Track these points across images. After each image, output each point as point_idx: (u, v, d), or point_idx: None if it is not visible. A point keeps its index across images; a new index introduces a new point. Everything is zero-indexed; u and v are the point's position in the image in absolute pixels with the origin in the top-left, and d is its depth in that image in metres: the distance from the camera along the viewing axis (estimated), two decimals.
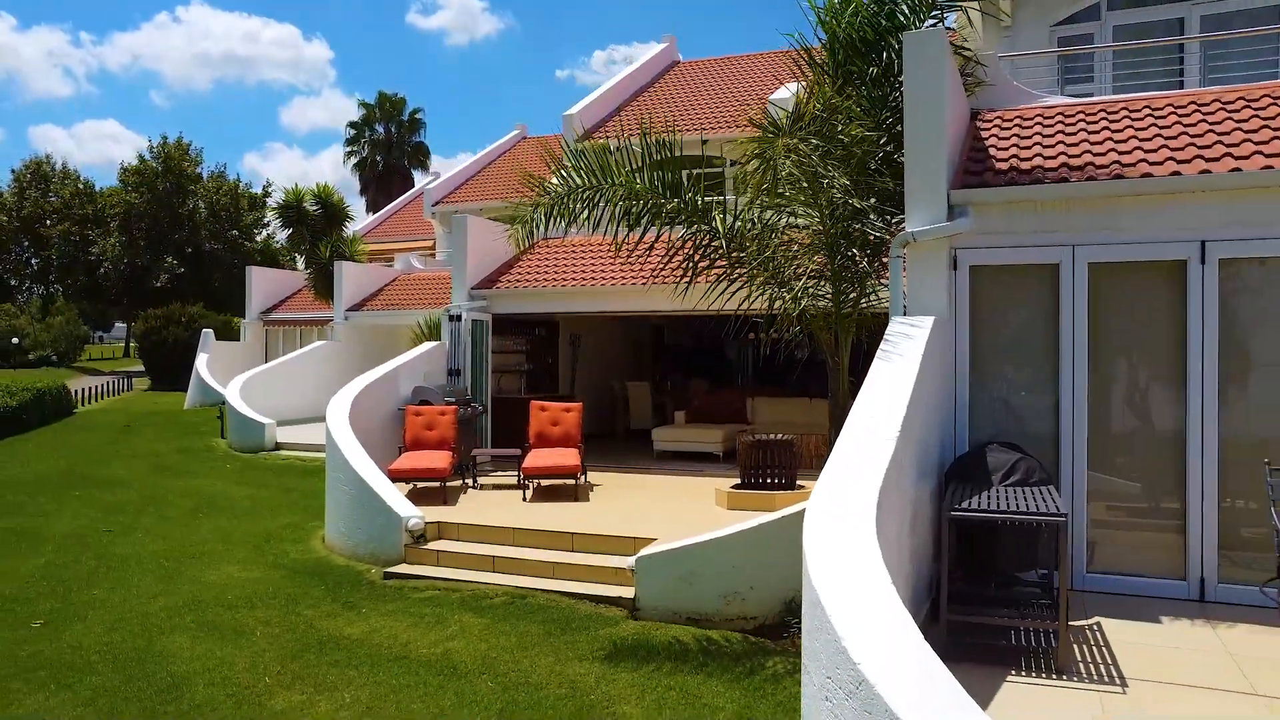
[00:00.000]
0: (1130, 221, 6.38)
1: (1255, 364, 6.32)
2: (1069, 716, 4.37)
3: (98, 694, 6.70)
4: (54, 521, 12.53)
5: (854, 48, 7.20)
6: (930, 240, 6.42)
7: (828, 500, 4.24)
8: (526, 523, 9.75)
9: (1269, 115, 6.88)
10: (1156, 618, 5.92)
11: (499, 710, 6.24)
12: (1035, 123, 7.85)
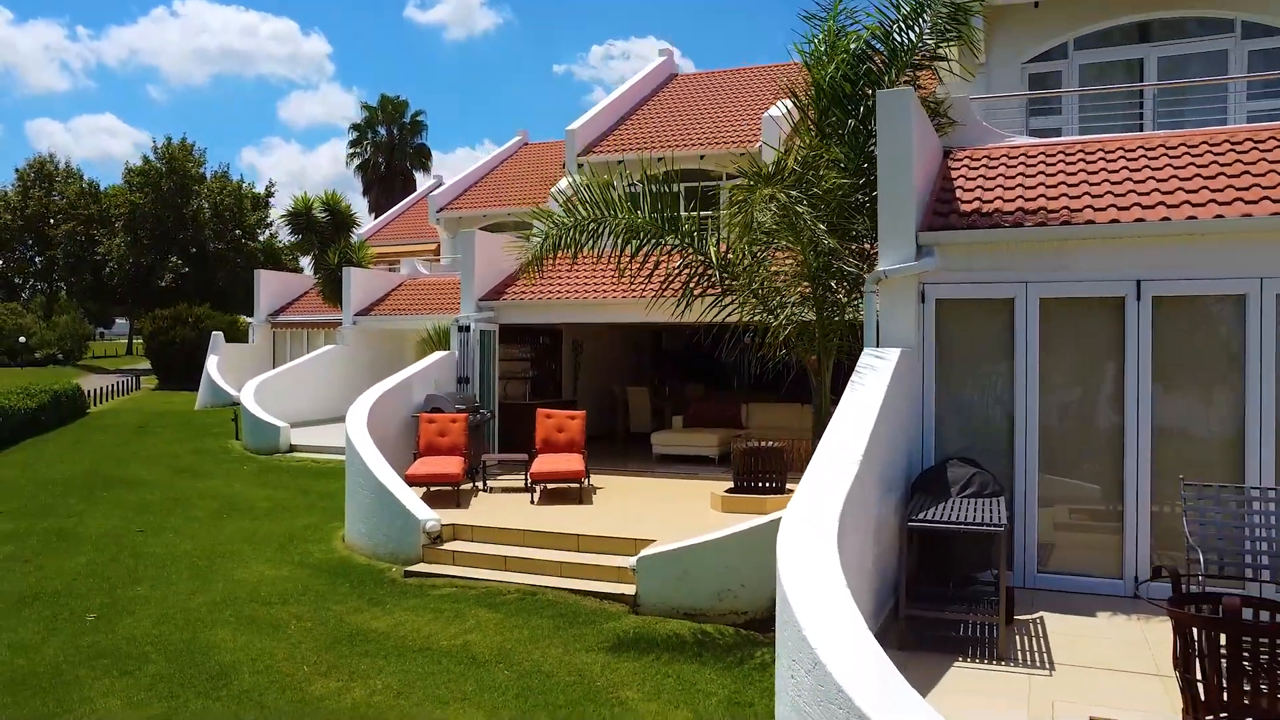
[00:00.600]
0: (1075, 262, 7.20)
1: (1183, 389, 7.15)
2: (999, 694, 5.21)
3: (156, 680, 7.53)
4: (87, 522, 13.35)
5: (835, 98, 8.01)
6: (900, 277, 7.24)
7: (798, 515, 5.07)
8: (535, 524, 10.58)
9: (1203, 164, 7.70)
10: (1093, 612, 6.74)
11: (515, 695, 7.07)
12: (1000, 163, 8.67)
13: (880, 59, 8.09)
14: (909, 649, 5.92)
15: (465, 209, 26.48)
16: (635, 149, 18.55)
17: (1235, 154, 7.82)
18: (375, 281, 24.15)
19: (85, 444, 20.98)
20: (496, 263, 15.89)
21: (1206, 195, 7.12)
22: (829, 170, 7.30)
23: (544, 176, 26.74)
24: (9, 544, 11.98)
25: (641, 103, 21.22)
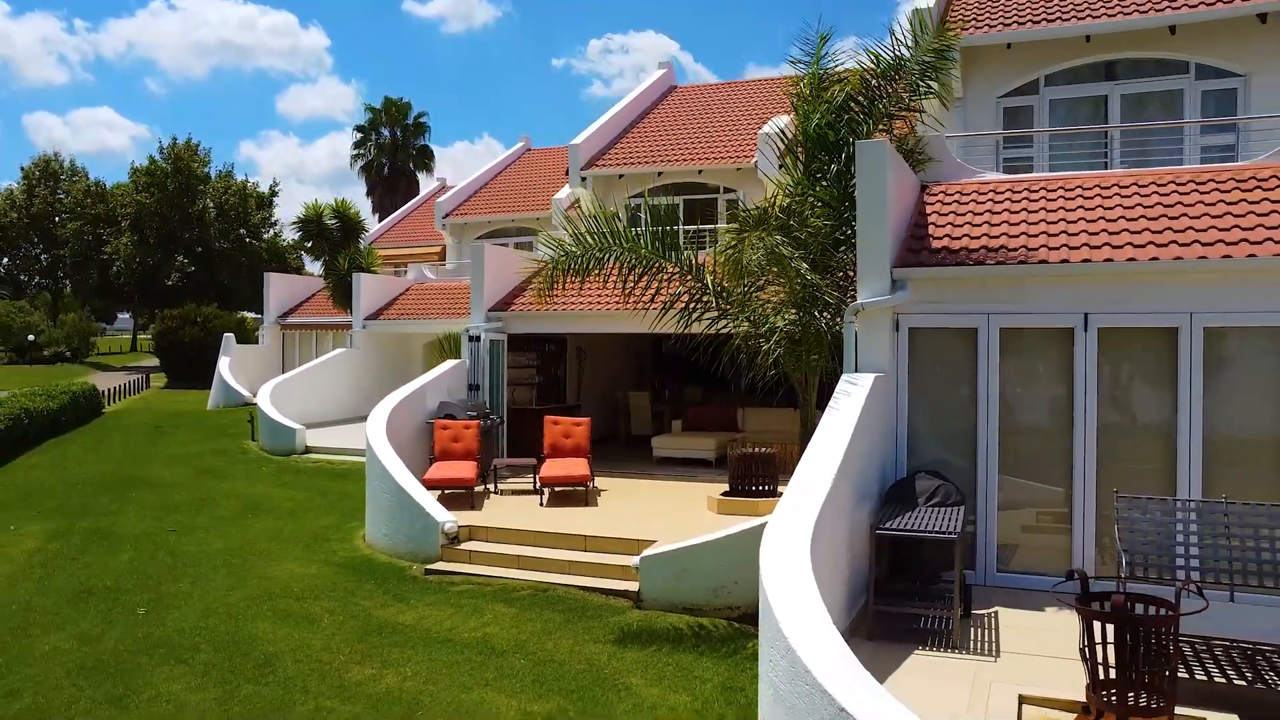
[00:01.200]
0: (1031, 296, 8.10)
1: (1124, 408, 8.05)
2: (949, 676, 6.12)
3: (208, 668, 8.44)
4: (122, 522, 14.25)
5: (820, 144, 8.90)
6: (876, 308, 8.13)
7: (778, 524, 5.97)
8: (545, 526, 11.49)
9: (1149, 204, 8.61)
10: (1042, 607, 7.65)
11: (532, 681, 7.99)
12: (971, 199, 9.57)
13: (860, 108, 8.98)
14: (877, 639, 6.84)
15: (470, 215, 27.35)
16: (636, 163, 19.44)
17: (1178, 195, 8.73)
18: (383, 287, 25.03)
19: (106, 445, 21.87)
20: (505, 275, 16.76)
21: (1148, 237, 8.02)
22: (812, 214, 8.20)
23: (547, 183, 27.59)
24: (55, 542, 12.89)
25: (642, 116, 22.10)
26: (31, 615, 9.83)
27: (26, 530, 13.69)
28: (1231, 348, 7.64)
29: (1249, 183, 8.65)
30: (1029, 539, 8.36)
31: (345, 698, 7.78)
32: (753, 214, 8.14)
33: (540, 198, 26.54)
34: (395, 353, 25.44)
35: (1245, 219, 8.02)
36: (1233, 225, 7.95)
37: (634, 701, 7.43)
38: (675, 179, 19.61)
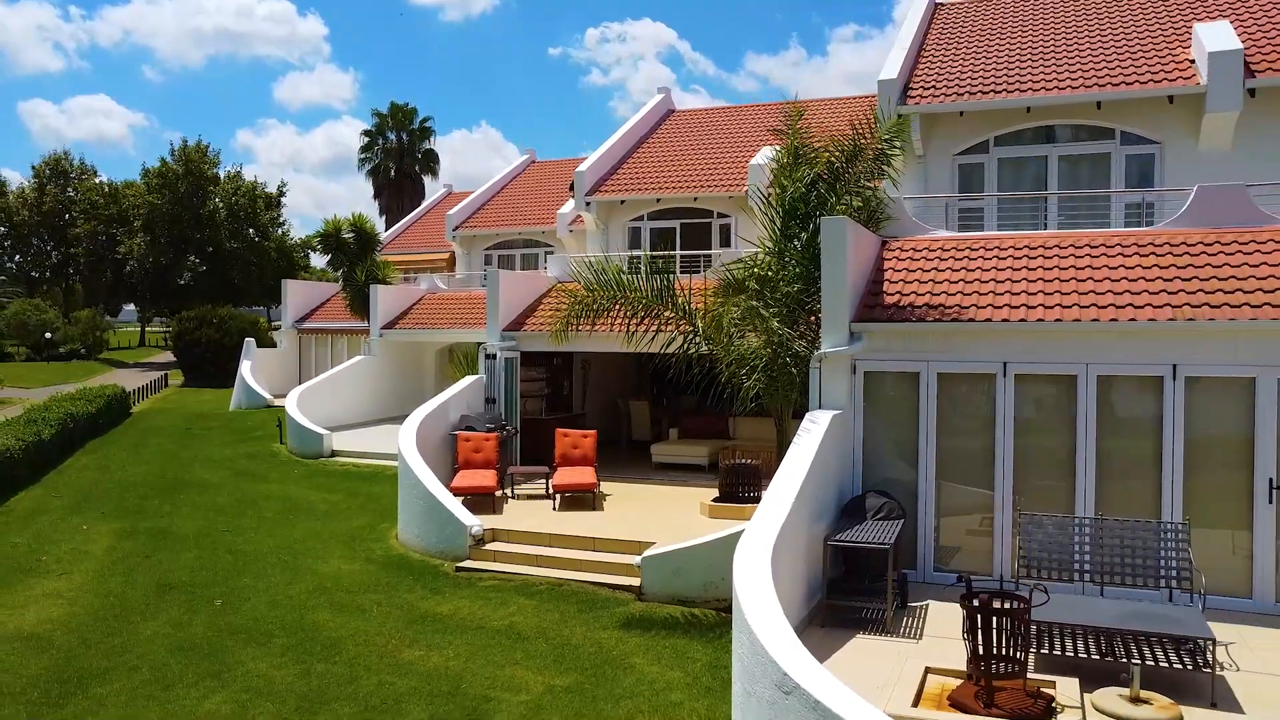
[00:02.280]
0: (961, 347, 9.91)
1: (1035, 438, 9.87)
2: (879, 653, 7.97)
3: (284, 650, 10.32)
4: (179, 522, 16.11)
5: (793, 213, 10.73)
6: (836, 356, 9.98)
7: (748, 536, 7.83)
8: (558, 529, 13.36)
9: (1064, 266, 10.45)
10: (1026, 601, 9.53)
11: (553, 660, 9.87)
12: (923, 255, 11.41)
13: (826, 184, 10.79)
14: (828, 626, 8.71)
15: (479, 228, 29.14)
16: (636, 190, 21.26)
17: (1089, 258, 10.56)
18: (398, 297, 26.82)
19: (145, 447, 23.70)
20: (517, 296, 18.60)
21: (1057, 299, 9.86)
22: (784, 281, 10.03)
23: (551, 196, 29.35)
24: (126, 541, 14.77)
25: (642, 140, 23.88)
26: (128, 605, 11.72)
27: (97, 530, 15.56)
28: (1117, 392, 9.50)
29: (1147, 248, 10.50)
30: (962, 544, 10.23)
31: (401, 674, 9.65)
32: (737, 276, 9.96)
33: (545, 211, 28.32)
34: (410, 359, 27.28)
35: (1136, 284, 9.87)
36: (1124, 290, 9.79)
37: (637, 677, 9.31)
38: (672, 204, 21.43)
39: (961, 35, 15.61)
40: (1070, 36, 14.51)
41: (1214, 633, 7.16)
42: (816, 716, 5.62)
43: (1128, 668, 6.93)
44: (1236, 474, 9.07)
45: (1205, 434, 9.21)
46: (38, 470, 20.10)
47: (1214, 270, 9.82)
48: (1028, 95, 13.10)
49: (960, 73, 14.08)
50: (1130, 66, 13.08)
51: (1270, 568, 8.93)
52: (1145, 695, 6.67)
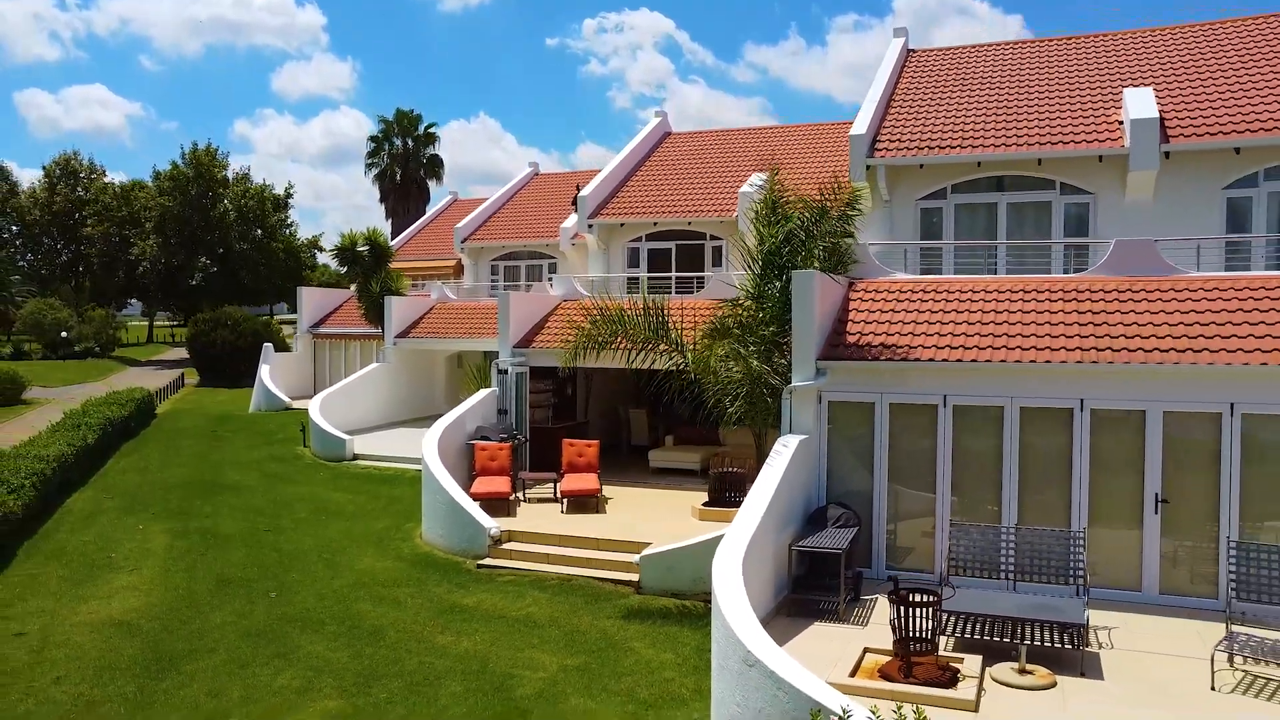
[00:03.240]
0: (910, 382, 11.83)
1: (970, 459, 11.81)
2: (830, 637, 9.93)
3: (336, 636, 12.28)
4: (223, 523, 18.06)
5: (770, 264, 12.65)
6: (805, 389, 11.92)
7: (725, 542, 9.79)
8: (566, 530, 15.32)
9: (1000, 308, 12.37)
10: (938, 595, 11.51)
11: (565, 644, 11.82)
12: (883, 296, 13.33)
13: (798, 240, 12.71)
14: (792, 616, 10.67)
15: (486, 240, 31.03)
16: (634, 214, 23.17)
17: (1022, 302, 12.50)
18: (410, 307, 28.71)
19: (177, 450, 25.64)
20: (525, 316, 20.51)
21: (989, 340, 11.80)
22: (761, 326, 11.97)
23: (554, 209, 31.21)
24: (181, 540, 16.71)
25: (640, 164, 25.75)
26: (194, 597, 13.67)
27: (152, 530, 17.51)
28: (1036, 420, 11.43)
29: (1071, 294, 12.44)
30: (910, 546, 12.20)
31: (437, 656, 11.61)
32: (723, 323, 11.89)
33: (549, 225, 30.18)
34: (421, 366, 29.21)
35: (1056, 327, 11.83)
36: (1045, 333, 11.73)
37: (636, 658, 11.27)
38: (668, 227, 23.35)
39: (926, 89, 17.51)
40: (1018, 95, 16.43)
41: (1093, 619, 9.13)
42: (770, 683, 7.58)
43: (1018, 647, 8.91)
44: (1130, 489, 11.02)
45: (1106, 456, 11.16)
46: (86, 473, 22.06)
47: (1121, 316, 11.76)
48: (978, 152, 15.04)
49: (921, 130, 15.99)
50: (1067, 127, 14.99)
51: (1155, 566, 10.90)
52: (1030, 668, 8.64)
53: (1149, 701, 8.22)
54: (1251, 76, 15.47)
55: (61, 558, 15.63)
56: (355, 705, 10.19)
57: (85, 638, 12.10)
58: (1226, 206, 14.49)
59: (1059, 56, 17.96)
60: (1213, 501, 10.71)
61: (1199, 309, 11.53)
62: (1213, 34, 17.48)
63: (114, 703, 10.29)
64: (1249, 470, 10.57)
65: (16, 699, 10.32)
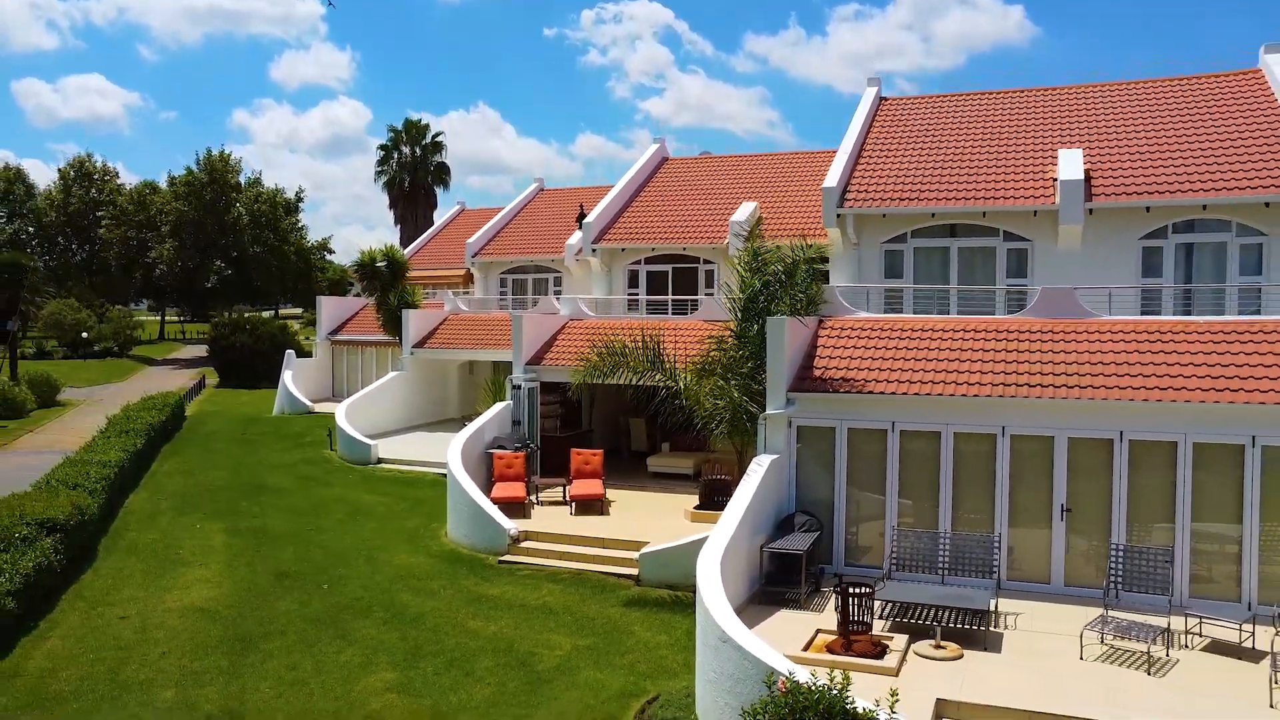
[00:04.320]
0: (864, 411, 14.29)
1: (914, 477, 14.31)
2: (793, 621, 12.46)
3: (384, 621, 14.79)
4: (270, 522, 20.56)
5: (751, 308, 15.16)
6: (777, 416, 14.42)
7: (707, 544, 12.34)
8: (575, 531, 17.85)
9: (944, 346, 14.86)
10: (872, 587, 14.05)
11: (577, 628, 14.34)
12: (847, 334, 15.82)
13: (773, 290, 15.21)
14: (762, 605, 13.19)
15: (496, 255, 33.51)
16: (633, 239, 25.67)
17: (963, 340, 14.96)
18: (425, 319, 31.20)
19: (213, 453, 28.15)
20: (536, 336, 22.99)
21: (930, 375, 14.29)
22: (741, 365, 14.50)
23: (558, 225, 33.64)
24: (236, 539, 19.21)
25: (640, 189, 28.23)
26: (259, 588, 16.18)
27: (209, 529, 20.02)
28: (967, 444, 13.97)
29: (1003, 334, 14.94)
30: (864, 547, 14.75)
31: (470, 637, 14.13)
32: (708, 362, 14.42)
33: (554, 240, 32.64)
34: (435, 373, 31.73)
35: (988, 364, 14.32)
36: (978, 369, 14.23)
37: (636, 639, 13.80)
38: (665, 251, 25.85)
39: (893, 139, 19.98)
40: (970, 149, 18.91)
41: (1005, 606, 11.66)
42: (739, 655, 10.09)
43: (934, 628, 11.46)
44: (1042, 500, 13.55)
45: (1023, 473, 13.68)
46: (138, 476, 24.58)
47: (1040, 354, 14.27)
48: (933, 204, 17.51)
49: (885, 182, 18.46)
50: (1008, 182, 17.46)
51: (1061, 562, 13.42)
52: (944, 644, 11.18)
53: (1027, 669, 10.75)
54: (1166, 137, 17.96)
55: (137, 554, 18.13)
56: (408, 676, 12.71)
57: (176, 621, 14.62)
58: (1142, 255, 17.00)
59: (1008, 110, 20.42)
60: (1106, 510, 13.24)
61: (1103, 350, 14.04)
62: (1137, 94, 19.97)
63: (212, 674, 12.81)
64: (1134, 486, 13.11)
65: (135, 669, 12.85)
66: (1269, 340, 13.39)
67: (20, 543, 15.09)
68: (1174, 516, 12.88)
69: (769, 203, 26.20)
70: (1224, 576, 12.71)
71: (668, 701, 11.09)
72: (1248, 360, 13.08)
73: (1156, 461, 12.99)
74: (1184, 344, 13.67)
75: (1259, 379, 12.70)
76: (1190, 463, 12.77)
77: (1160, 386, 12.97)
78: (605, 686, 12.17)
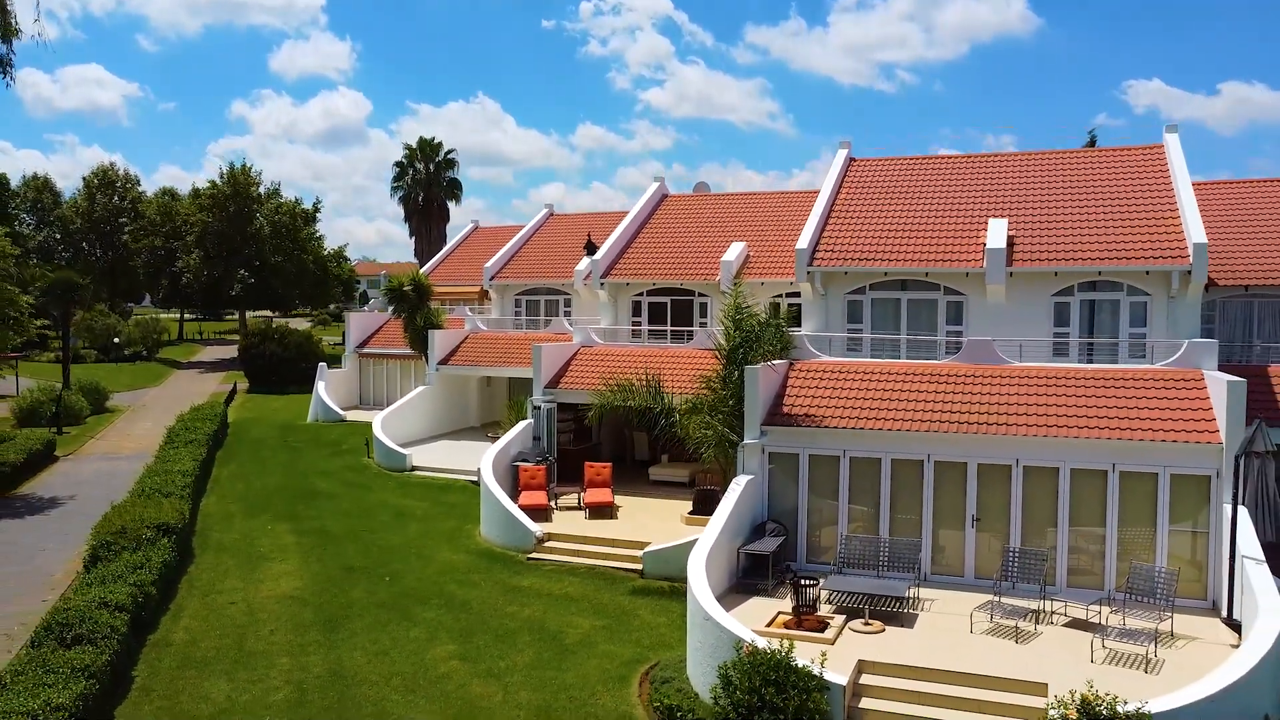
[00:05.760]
0: (821, 440, 18.28)
1: (862, 495, 18.34)
2: (762, 605, 16.40)
3: (439, 606, 18.83)
4: (329, 524, 24.59)
5: (731, 359, 19.21)
6: (753, 445, 18.48)
7: (696, 546, 16.38)
8: (589, 532, 21.90)
9: (887, 386, 18.89)
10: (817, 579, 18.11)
11: (593, 612, 18.37)
12: (813, 376, 19.81)
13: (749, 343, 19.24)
14: (739, 593, 17.21)
15: (511, 279, 37.51)
16: (637, 274, 29.70)
17: (903, 382, 18.94)
18: (449, 338, 35.19)
19: (263, 460, 32.17)
20: (553, 362, 27.02)
21: (873, 412, 18.28)
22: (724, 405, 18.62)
23: (568, 250, 37.57)
24: (304, 538, 23.24)
25: (642, 226, 32.26)
26: (332, 580, 20.20)
27: (279, 529, 24.06)
28: (901, 469, 18.01)
29: (935, 377, 18.96)
30: (825, 547, 18.82)
31: (509, 619, 18.15)
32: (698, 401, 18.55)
33: (564, 266, 36.57)
34: (457, 387, 35.78)
35: (919, 404, 18.34)
36: (911, 406, 18.22)
37: (641, 621, 17.84)
38: (665, 285, 29.91)
39: (858, 203, 23.98)
40: (918, 215, 22.89)
41: (925, 595, 15.78)
42: (717, 629, 14.10)
43: (865, 610, 15.56)
44: (959, 511, 17.57)
45: (944, 490, 17.69)
46: (204, 482, 28.64)
47: (962, 395, 18.27)
48: (886, 265, 21.52)
49: (847, 245, 22.44)
50: (946, 249, 21.44)
51: (972, 560, 17.42)
52: (871, 622, 15.23)
53: (928, 639, 14.79)
54: (1076, 207, 21.94)
55: (226, 551, 22.18)
56: (465, 648, 16.75)
57: (275, 606, 18.67)
58: (1054, 309, 21.01)
59: (952, 175, 24.41)
60: (1006, 520, 17.30)
61: (1007, 392, 18.07)
62: (1059, 164, 23.94)
63: (312, 646, 16.85)
64: (1028, 501, 17.18)
65: (254, 642, 16.90)
66: (1134, 386, 17.45)
67: (146, 543, 19.16)
68: (1057, 524, 16.95)
69: (757, 240, 30.21)
70: (1091, 569, 16.80)
71: (665, 665, 15.15)
72: (1111, 403, 17.14)
73: (1044, 482, 17.05)
74: (1066, 388, 17.73)
75: (1119, 419, 16.76)
76: (1069, 483, 16.82)
77: (1046, 424, 17.03)
78: (617, 655, 16.20)
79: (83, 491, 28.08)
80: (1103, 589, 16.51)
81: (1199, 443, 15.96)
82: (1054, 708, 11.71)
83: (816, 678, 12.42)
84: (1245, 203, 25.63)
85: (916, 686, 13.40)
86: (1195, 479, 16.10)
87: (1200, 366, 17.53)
